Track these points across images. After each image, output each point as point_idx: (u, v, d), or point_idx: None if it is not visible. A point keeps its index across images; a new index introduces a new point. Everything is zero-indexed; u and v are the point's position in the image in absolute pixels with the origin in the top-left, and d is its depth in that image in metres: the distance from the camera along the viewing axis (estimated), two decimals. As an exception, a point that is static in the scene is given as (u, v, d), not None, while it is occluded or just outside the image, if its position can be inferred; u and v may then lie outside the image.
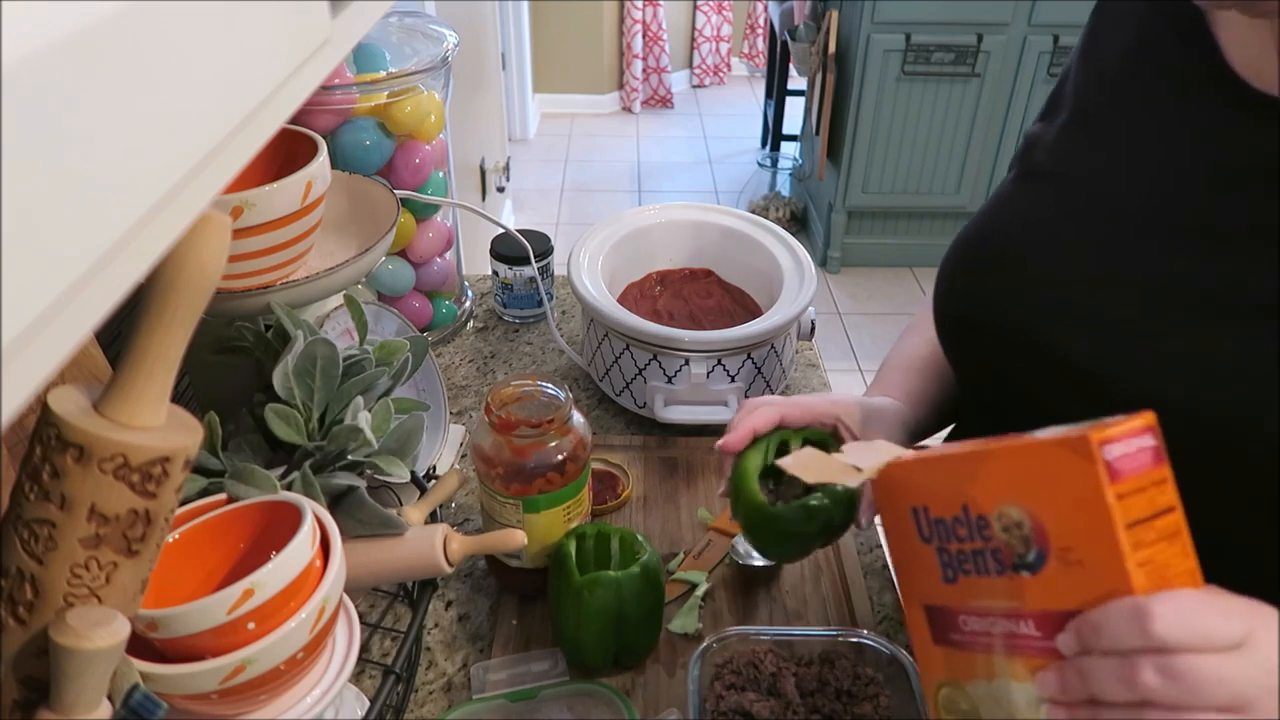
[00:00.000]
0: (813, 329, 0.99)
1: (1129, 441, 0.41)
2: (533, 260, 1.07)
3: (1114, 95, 0.58)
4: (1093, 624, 0.39)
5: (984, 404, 0.68)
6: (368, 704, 0.56)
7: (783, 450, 0.67)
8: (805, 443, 0.67)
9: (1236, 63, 0.52)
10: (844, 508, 0.64)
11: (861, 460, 0.56)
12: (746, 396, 0.93)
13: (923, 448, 0.54)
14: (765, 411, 0.67)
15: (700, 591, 0.77)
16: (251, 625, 0.47)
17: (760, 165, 3.76)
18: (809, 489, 0.64)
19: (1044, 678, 0.42)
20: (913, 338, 0.80)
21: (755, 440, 0.67)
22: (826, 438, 0.68)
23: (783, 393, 1.02)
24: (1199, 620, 0.37)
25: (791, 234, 1.03)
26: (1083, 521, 0.41)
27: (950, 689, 0.50)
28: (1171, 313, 0.52)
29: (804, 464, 0.59)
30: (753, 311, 1.00)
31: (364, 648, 0.71)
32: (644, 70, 4.46)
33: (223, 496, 0.56)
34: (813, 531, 0.63)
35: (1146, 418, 0.42)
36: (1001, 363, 0.61)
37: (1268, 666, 0.37)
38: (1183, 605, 0.37)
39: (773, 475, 0.67)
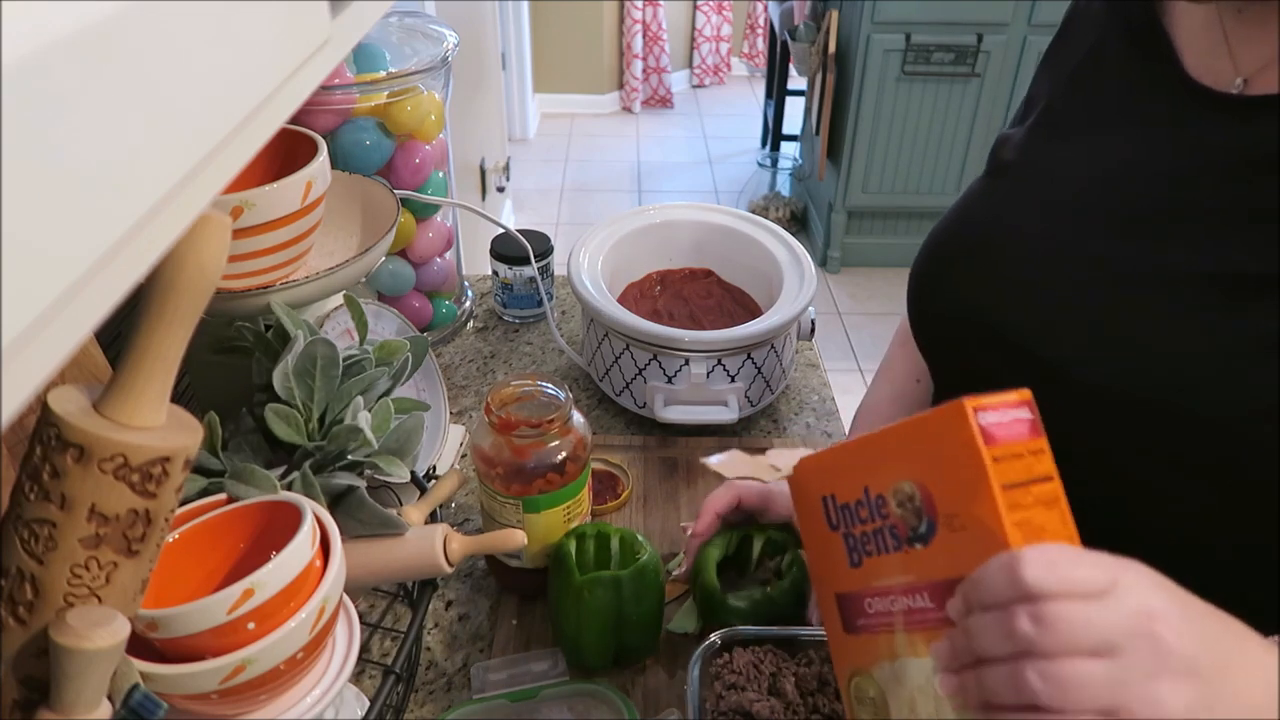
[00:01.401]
0: (813, 329, 0.99)
1: (1004, 411, 0.43)
2: (533, 260, 1.07)
3: (1076, 93, 0.61)
4: (973, 581, 0.41)
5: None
6: (368, 704, 0.56)
7: (745, 543, 0.74)
8: (768, 541, 0.74)
9: (1189, 61, 0.54)
10: (792, 600, 0.70)
11: (781, 461, 0.60)
12: (747, 396, 0.93)
13: None
14: (721, 494, 0.74)
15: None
16: (251, 625, 0.47)
17: (760, 165, 3.76)
18: (765, 583, 0.73)
19: (937, 648, 0.43)
20: (883, 385, 0.83)
21: (725, 529, 0.74)
22: (788, 536, 0.74)
23: (783, 393, 1.02)
24: (1065, 567, 0.38)
25: (791, 234, 1.03)
26: (964, 485, 0.42)
27: (860, 678, 0.51)
28: (1129, 301, 0.53)
29: (727, 467, 0.64)
30: (753, 311, 1.00)
31: (364, 648, 0.71)
32: (644, 70, 4.46)
33: (223, 496, 0.56)
34: (760, 614, 0.69)
35: (1022, 393, 0.44)
36: (969, 355, 0.63)
37: (1134, 609, 0.38)
38: (1050, 553, 0.39)
39: (734, 566, 0.75)
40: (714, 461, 0.65)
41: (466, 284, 1.16)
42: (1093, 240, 0.56)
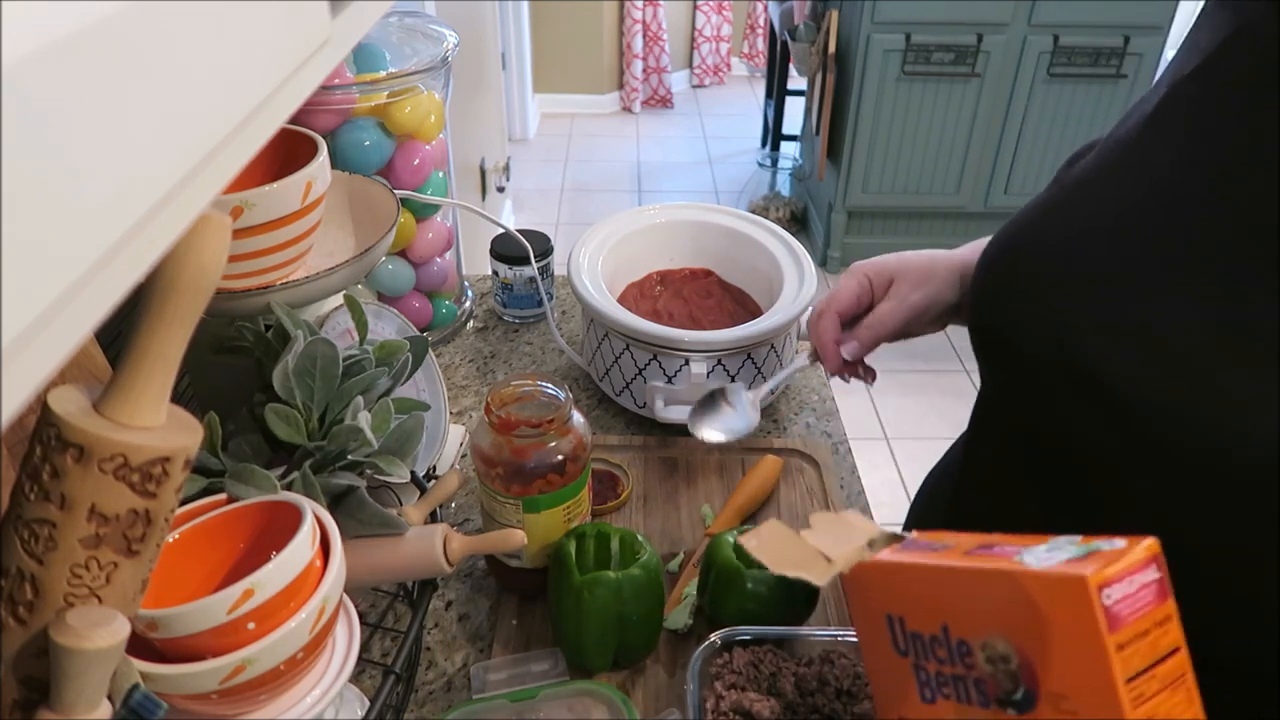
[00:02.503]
0: (813, 329, 0.99)
1: (1130, 580, 0.37)
2: (533, 260, 1.07)
3: (1196, 89, 0.52)
4: None
5: (1009, 414, 0.65)
6: (368, 704, 0.56)
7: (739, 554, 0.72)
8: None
9: None
10: (806, 587, 0.68)
11: (831, 546, 0.50)
12: (746, 396, 0.93)
13: (901, 537, 0.49)
14: (845, 287, 0.72)
15: (693, 589, 0.77)
16: (251, 625, 0.47)
17: (760, 165, 3.76)
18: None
19: None
20: None
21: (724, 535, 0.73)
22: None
23: (783, 393, 1.02)
24: None
25: (791, 234, 1.03)
26: (1078, 670, 0.38)
27: None
28: (1211, 333, 0.47)
29: (769, 548, 0.53)
30: (753, 311, 1.00)
31: (364, 648, 0.71)
32: (644, 70, 4.46)
33: (223, 496, 0.56)
34: (776, 598, 0.68)
35: (1150, 546, 0.38)
36: (1034, 378, 0.57)
37: None
38: None
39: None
40: (750, 543, 0.55)
41: (466, 284, 1.16)
42: (1195, 263, 0.49)
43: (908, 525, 0.81)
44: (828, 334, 0.72)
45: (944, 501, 0.68)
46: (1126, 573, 0.37)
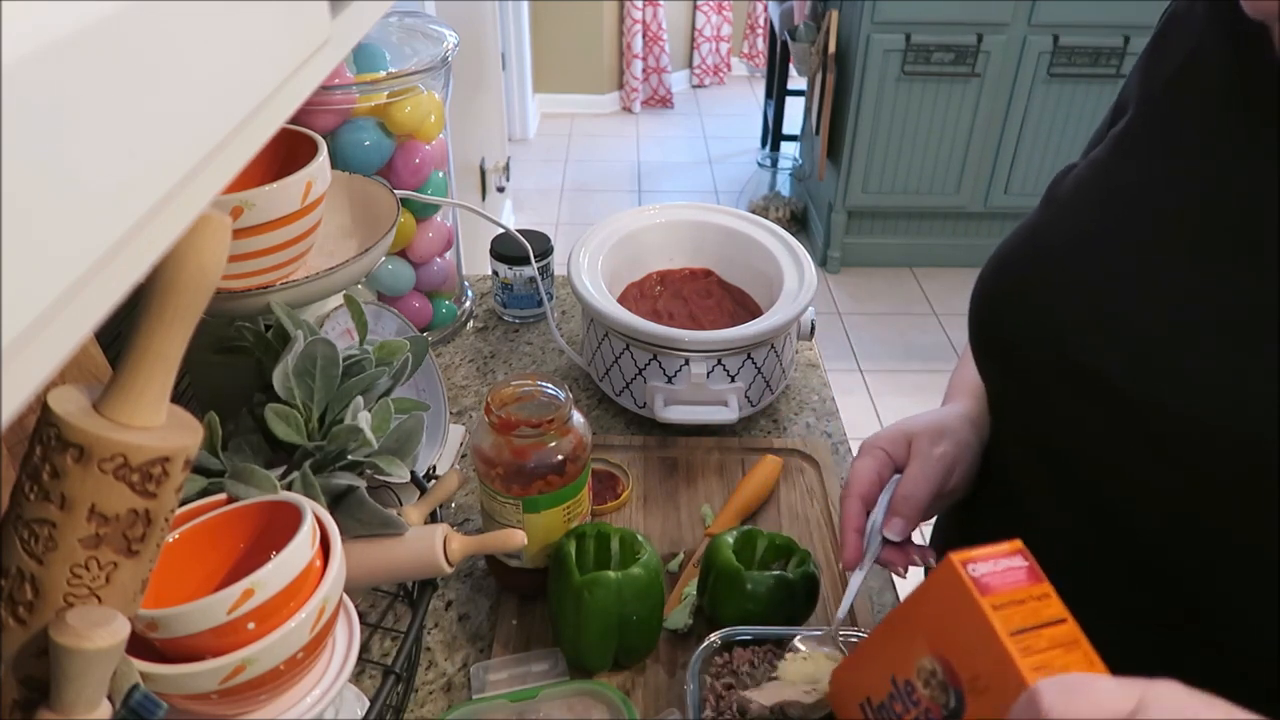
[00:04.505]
0: (813, 329, 0.99)
1: (995, 562, 0.43)
2: (533, 260, 1.07)
3: (1170, 104, 0.55)
4: None
5: (1015, 420, 0.65)
6: (368, 704, 0.56)
7: (749, 544, 0.74)
8: (770, 544, 0.74)
9: None
10: (806, 588, 0.70)
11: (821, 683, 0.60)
12: (747, 396, 0.93)
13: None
14: (860, 475, 0.64)
15: (693, 589, 0.77)
16: (251, 625, 0.47)
17: (760, 165, 3.76)
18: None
19: None
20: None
21: (724, 536, 0.73)
22: (791, 542, 0.74)
23: (783, 393, 1.02)
24: (1087, 691, 0.37)
25: (791, 234, 1.03)
26: (975, 644, 0.42)
27: None
28: (1207, 331, 0.49)
29: (767, 694, 0.62)
30: (753, 311, 1.00)
31: (364, 648, 0.71)
32: (644, 70, 4.46)
33: (223, 496, 0.56)
34: (775, 599, 0.69)
35: (1013, 544, 0.44)
36: (1029, 381, 0.59)
37: (1169, 716, 0.36)
38: (1066, 682, 0.38)
39: (740, 562, 0.72)
40: (751, 694, 0.61)
41: (466, 284, 1.16)
42: (1172, 264, 0.51)
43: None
44: (850, 521, 0.63)
45: (958, 506, 0.68)
46: (990, 556, 0.43)
